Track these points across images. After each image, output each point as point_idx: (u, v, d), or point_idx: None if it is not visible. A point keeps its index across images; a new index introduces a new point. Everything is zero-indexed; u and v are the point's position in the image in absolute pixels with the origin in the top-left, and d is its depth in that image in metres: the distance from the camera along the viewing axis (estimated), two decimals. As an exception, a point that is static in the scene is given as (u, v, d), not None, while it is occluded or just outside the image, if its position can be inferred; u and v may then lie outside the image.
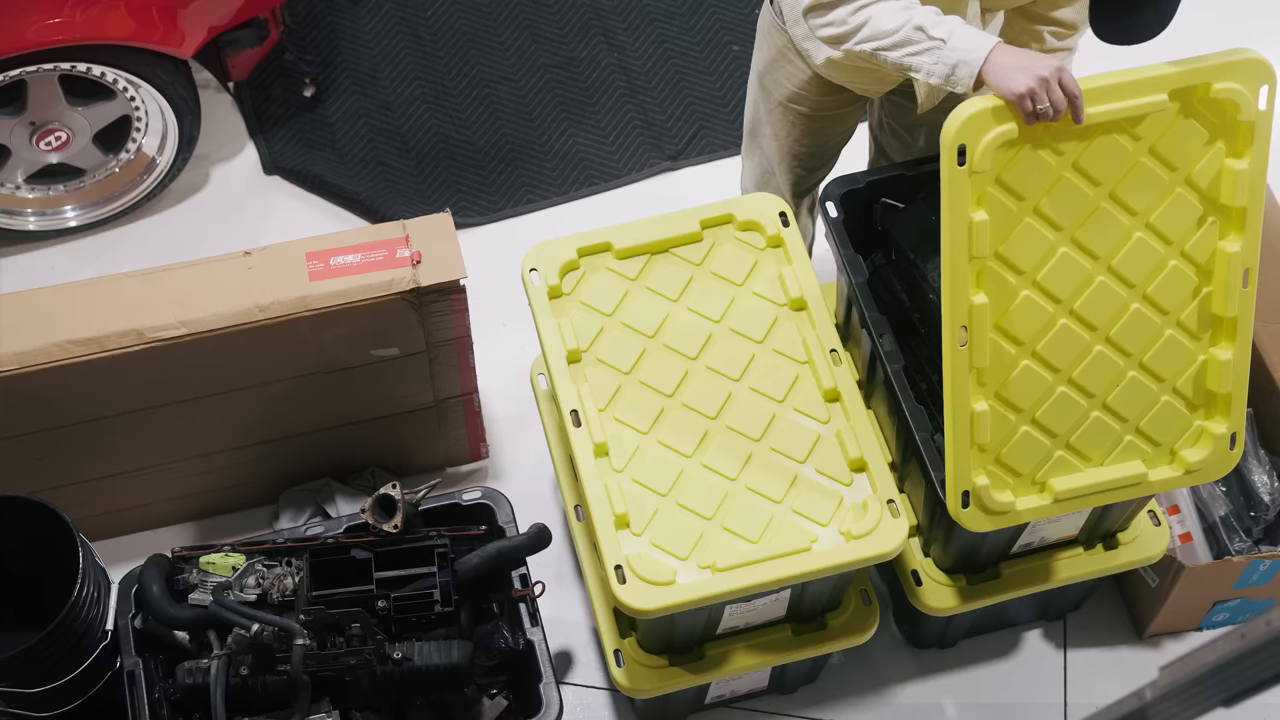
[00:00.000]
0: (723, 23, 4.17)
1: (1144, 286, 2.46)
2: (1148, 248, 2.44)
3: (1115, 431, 2.54)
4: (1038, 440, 2.52)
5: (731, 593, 2.54)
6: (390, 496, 2.73)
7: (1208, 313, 2.49)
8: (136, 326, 2.84)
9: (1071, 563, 2.92)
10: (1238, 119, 2.36)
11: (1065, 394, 2.51)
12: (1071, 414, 2.52)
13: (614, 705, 3.17)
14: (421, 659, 2.68)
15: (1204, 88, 2.34)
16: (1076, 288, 2.44)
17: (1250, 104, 2.34)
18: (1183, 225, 2.43)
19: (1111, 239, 2.42)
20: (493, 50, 4.13)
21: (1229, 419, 2.56)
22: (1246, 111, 2.34)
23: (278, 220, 3.83)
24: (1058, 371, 2.49)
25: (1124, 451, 2.56)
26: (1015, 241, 2.40)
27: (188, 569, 2.74)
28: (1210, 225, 2.43)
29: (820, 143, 3.00)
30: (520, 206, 3.86)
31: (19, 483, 2.90)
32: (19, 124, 3.53)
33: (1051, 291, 2.44)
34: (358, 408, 3.19)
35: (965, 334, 2.41)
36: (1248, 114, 2.35)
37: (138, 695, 2.66)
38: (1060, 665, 3.22)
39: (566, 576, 3.25)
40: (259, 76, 3.96)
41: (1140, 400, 2.54)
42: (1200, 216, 2.43)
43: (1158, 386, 2.53)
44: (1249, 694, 1.57)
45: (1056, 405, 2.51)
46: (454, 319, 3.02)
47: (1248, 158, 2.36)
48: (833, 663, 3.15)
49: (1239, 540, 3.07)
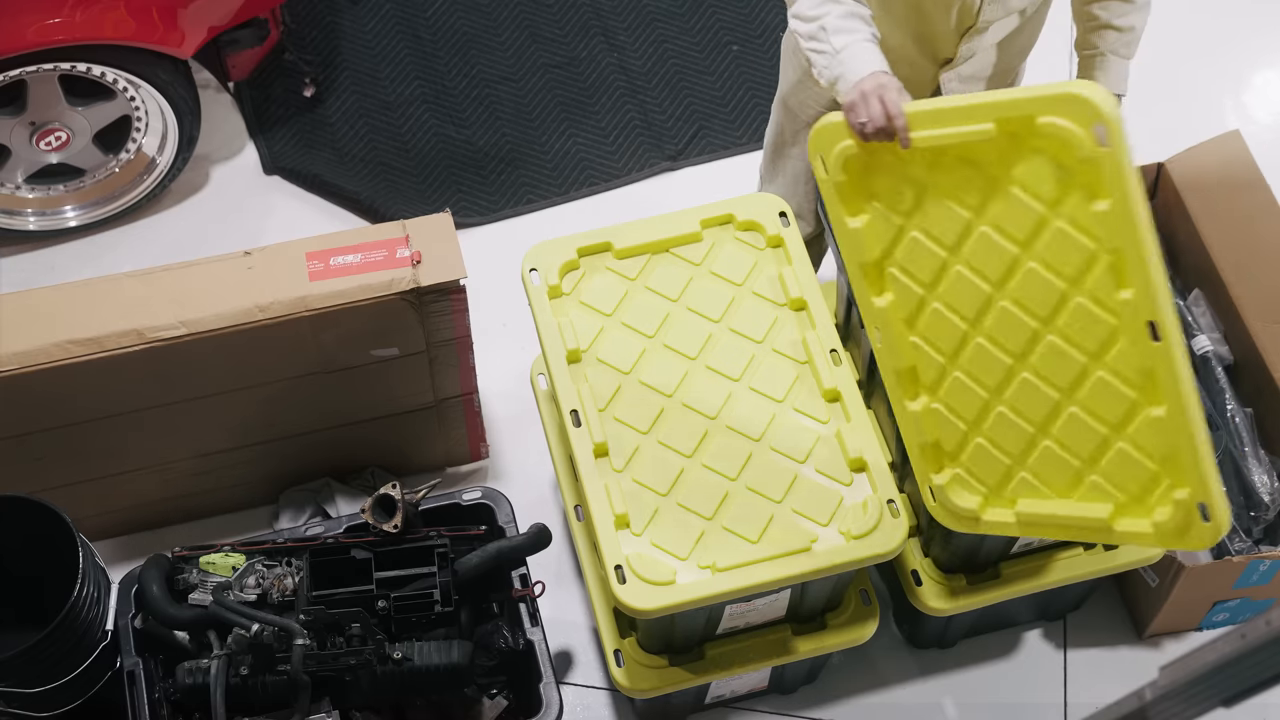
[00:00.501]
0: (723, 23, 4.17)
1: (1052, 320, 2.31)
2: (1043, 280, 2.29)
3: (1074, 467, 2.41)
4: (994, 456, 2.49)
5: (731, 593, 2.54)
6: (390, 496, 2.73)
7: (1135, 363, 2.24)
8: (136, 326, 2.84)
9: (1071, 563, 2.92)
10: (1076, 156, 2.12)
11: (1005, 415, 2.44)
12: (1018, 438, 2.44)
13: (614, 705, 3.17)
14: (421, 659, 2.68)
15: (1028, 120, 2.16)
16: (979, 309, 2.37)
17: (1083, 141, 2.09)
18: (1073, 262, 2.24)
19: (1000, 266, 2.32)
20: (493, 50, 4.13)
21: (1188, 484, 2.24)
22: (1080, 149, 2.10)
23: (278, 220, 3.83)
24: (989, 390, 2.44)
25: (1090, 491, 2.41)
26: (910, 254, 2.39)
27: (188, 569, 2.74)
28: (1107, 268, 2.21)
29: None
30: (520, 206, 3.86)
31: (19, 483, 2.90)
32: (19, 124, 3.53)
33: (957, 309, 2.40)
34: (358, 408, 3.19)
35: (879, 335, 2.48)
36: (1084, 151, 2.10)
37: (138, 695, 2.66)
38: (1060, 665, 3.22)
39: (566, 576, 3.25)
40: (259, 76, 3.96)
41: (1087, 441, 2.37)
42: (1090, 255, 2.22)
43: (1107, 430, 2.34)
44: (1249, 694, 1.57)
45: (999, 425, 2.45)
46: (454, 319, 3.02)
47: (1107, 199, 2.11)
48: (833, 663, 3.15)
49: (1239, 540, 3.07)
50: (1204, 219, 3.29)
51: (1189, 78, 4.14)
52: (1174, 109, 4.05)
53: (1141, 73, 4.14)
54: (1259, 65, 4.22)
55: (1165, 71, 4.15)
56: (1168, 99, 4.09)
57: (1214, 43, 4.22)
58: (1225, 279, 3.21)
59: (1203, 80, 4.15)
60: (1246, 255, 3.24)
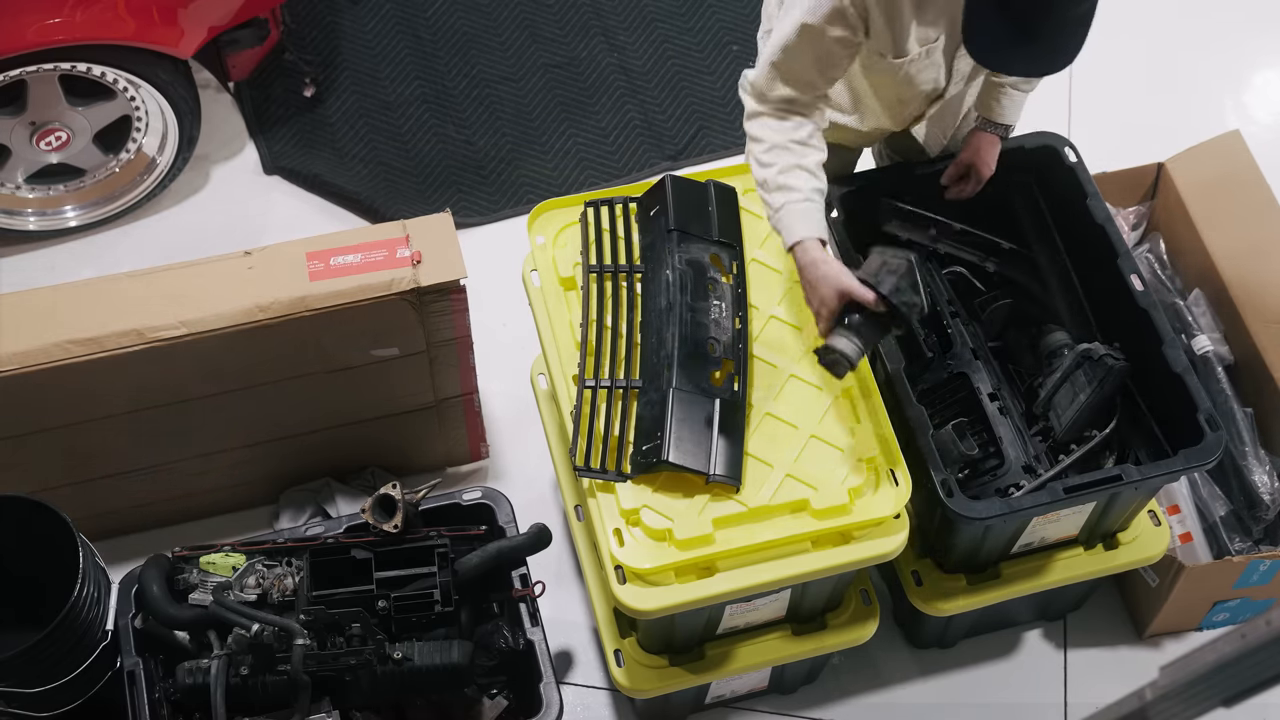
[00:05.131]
0: (723, 23, 4.17)
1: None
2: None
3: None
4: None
5: (731, 593, 2.54)
6: (390, 496, 2.72)
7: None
8: (136, 326, 2.84)
9: (1071, 563, 2.92)
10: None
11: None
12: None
13: (614, 705, 3.17)
14: (421, 659, 2.68)
15: None
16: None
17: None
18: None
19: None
20: (493, 50, 4.13)
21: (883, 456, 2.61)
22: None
23: (278, 220, 3.83)
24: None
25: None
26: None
27: (188, 569, 2.74)
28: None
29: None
30: (520, 206, 3.86)
31: (19, 483, 2.90)
32: (19, 124, 3.53)
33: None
34: (358, 408, 3.19)
35: None
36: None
37: (138, 695, 2.66)
38: (1060, 665, 3.22)
39: (566, 576, 3.25)
40: (259, 76, 3.96)
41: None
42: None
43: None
44: (1249, 694, 1.57)
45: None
46: (454, 319, 3.02)
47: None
48: (833, 663, 3.15)
49: (1239, 540, 3.07)
50: (1204, 219, 3.29)
51: (1189, 78, 4.15)
52: (1174, 109, 4.06)
53: (1142, 72, 4.17)
54: (1259, 65, 4.22)
55: (1165, 71, 4.16)
56: (1168, 99, 4.10)
57: (1214, 42, 4.23)
58: (1225, 279, 3.21)
59: (1203, 80, 4.15)
60: (1246, 255, 3.24)
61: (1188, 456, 2.65)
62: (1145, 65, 4.19)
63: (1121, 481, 2.64)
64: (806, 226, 2.51)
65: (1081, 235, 2.91)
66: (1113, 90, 4.10)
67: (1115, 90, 4.10)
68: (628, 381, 2.62)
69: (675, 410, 2.52)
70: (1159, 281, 3.35)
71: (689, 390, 2.55)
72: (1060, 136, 2.97)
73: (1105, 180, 3.33)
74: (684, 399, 2.54)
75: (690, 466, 2.49)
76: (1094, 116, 4.03)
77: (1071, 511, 2.76)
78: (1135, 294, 2.80)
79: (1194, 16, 4.26)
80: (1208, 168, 3.37)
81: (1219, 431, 2.65)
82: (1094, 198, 2.90)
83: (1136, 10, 4.25)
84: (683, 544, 2.48)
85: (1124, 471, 2.65)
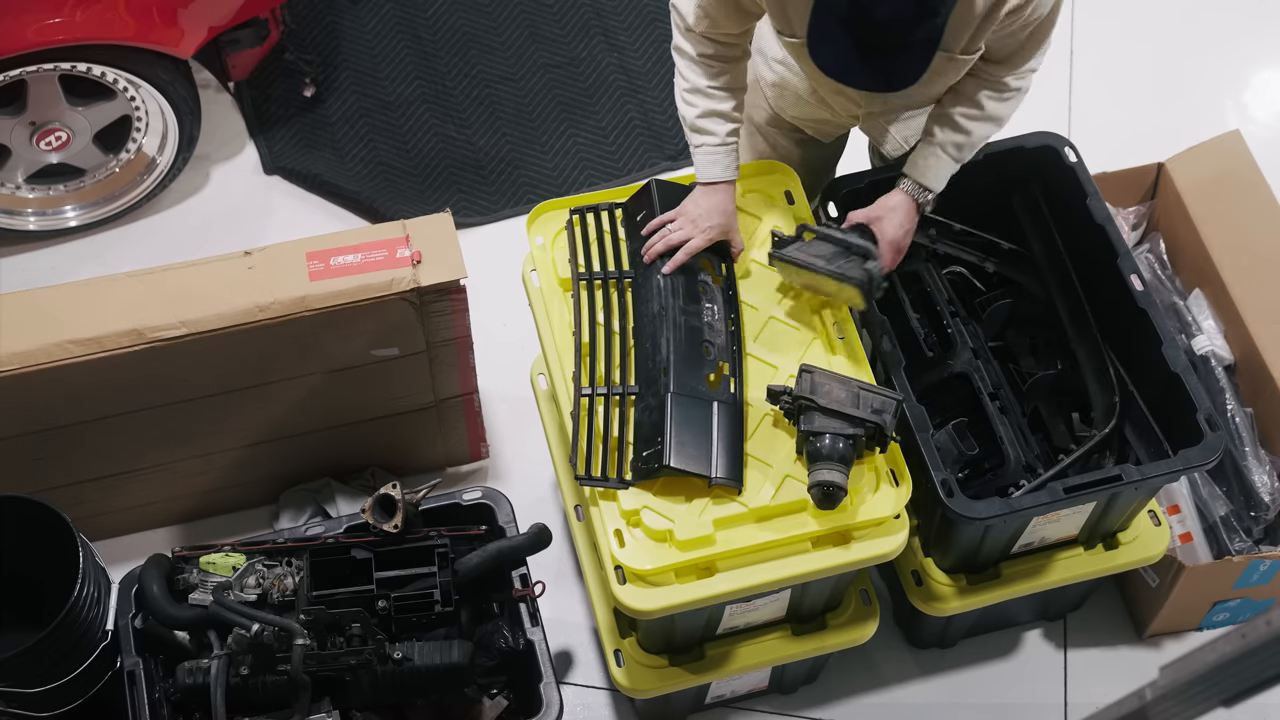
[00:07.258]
0: (723, 23, 4.16)
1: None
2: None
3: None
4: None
5: (731, 593, 2.54)
6: (390, 496, 2.72)
7: None
8: (136, 326, 2.84)
9: (1071, 563, 2.92)
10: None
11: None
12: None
13: (614, 705, 3.16)
14: (421, 659, 2.68)
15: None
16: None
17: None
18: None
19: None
20: (493, 50, 4.13)
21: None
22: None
23: (278, 220, 3.83)
24: None
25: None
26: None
27: (188, 569, 2.74)
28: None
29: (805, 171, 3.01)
30: (520, 206, 3.86)
31: (19, 483, 2.90)
32: (19, 124, 3.53)
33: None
34: (358, 408, 3.19)
35: None
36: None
37: (138, 695, 2.66)
38: (1060, 665, 3.22)
39: (566, 576, 3.25)
40: (259, 76, 3.96)
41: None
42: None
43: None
44: (1249, 694, 1.56)
45: None
46: (454, 319, 3.02)
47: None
48: (833, 663, 3.15)
49: (1239, 540, 3.07)
50: (1204, 219, 3.29)
51: (1189, 78, 4.15)
52: (1174, 109, 4.06)
53: (1142, 73, 4.17)
54: (1259, 65, 4.22)
55: (1166, 71, 4.16)
56: (1168, 99, 4.10)
57: (1214, 43, 4.22)
58: (1225, 279, 3.21)
59: (1203, 80, 4.15)
60: (1246, 255, 3.24)
61: (1188, 456, 2.65)
62: (1145, 65, 4.19)
63: (1121, 481, 2.64)
64: (717, 169, 2.67)
65: (1081, 235, 2.91)
66: (1113, 90, 4.10)
67: (1115, 90, 4.10)
68: (624, 387, 2.62)
69: (674, 415, 2.52)
70: (1159, 281, 3.35)
71: (686, 394, 2.55)
72: (1060, 136, 2.97)
73: (1105, 180, 3.33)
74: (682, 403, 2.54)
75: (692, 471, 2.50)
76: (1094, 116, 4.03)
77: (1071, 511, 2.76)
78: (1135, 294, 2.80)
79: (1194, 17, 4.26)
80: (1208, 168, 3.37)
81: (1219, 431, 2.65)
82: (1094, 197, 2.90)
83: (1136, 10, 4.26)
84: (683, 545, 2.48)
85: (1124, 471, 2.65)
